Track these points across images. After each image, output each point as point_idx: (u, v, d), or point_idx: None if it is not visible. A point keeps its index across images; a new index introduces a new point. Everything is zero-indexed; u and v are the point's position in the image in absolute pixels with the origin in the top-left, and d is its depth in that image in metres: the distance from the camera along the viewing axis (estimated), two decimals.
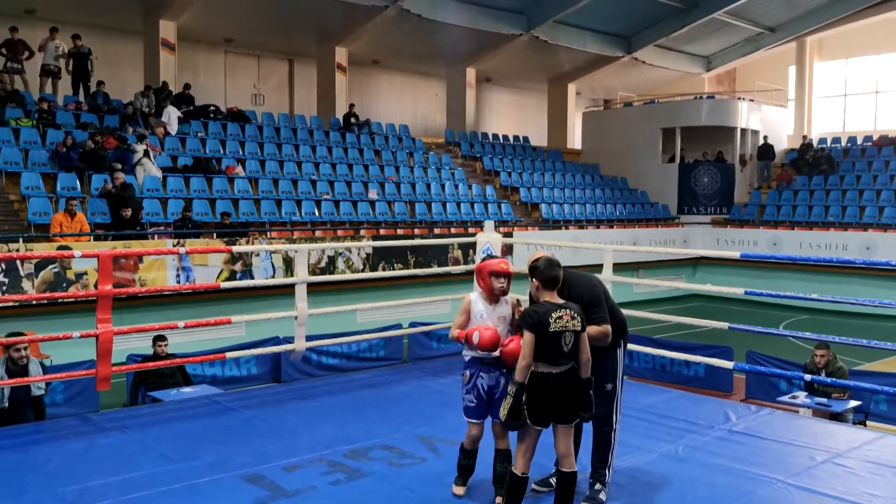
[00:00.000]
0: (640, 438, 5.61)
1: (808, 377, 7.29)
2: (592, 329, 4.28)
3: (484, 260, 4.55)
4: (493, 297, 4.44)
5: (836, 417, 7.36)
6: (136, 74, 19.51)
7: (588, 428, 4.63)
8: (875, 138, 24.94)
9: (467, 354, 4.44)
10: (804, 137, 25.84)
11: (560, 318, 4.06)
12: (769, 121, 25.69)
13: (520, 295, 4.58)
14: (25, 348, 6.57)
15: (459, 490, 4.57)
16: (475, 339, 4.26)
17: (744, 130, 24.68)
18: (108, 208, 13.13)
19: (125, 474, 4.91)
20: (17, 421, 6.32)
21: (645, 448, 5.44)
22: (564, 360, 4.07)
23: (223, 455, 5.27)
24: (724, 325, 7.35)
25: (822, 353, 7.91)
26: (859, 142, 25.12)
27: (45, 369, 7.02)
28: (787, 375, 8.35)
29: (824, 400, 7.64)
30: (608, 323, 4.41)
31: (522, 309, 4.46)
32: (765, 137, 24.81)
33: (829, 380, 7.33)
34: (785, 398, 7.96)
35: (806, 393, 7.96)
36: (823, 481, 4.92)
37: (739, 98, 25.78)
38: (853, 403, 7.67)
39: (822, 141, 25.93)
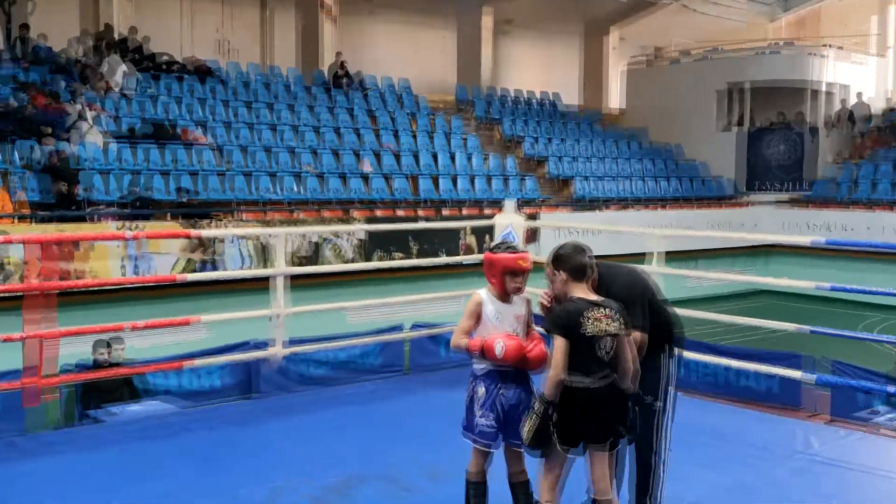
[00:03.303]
0: (697, 468, 5.56)
1: None
2: None
3: (496, 249, 4.44)
4: (506, 295, 4.41)
5: None
6: (70, 16, 19.50)
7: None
8: None
9: (481, 366, 4.39)
10: None
11: (596, 318, 4.01)
12: (860, 78, 25.44)
13: (533, 288, 4.52)
14: None
15: None
16: (499, 351, 4.20)
17: (829, 90, 24.44)
18: (36, 183, 13.15)
19: None
20: None
21: (704, 479, 5.40)
22: (601, 369, 4.03)
23: (177, 486, 5.26)
24: (805, 328, 7.28)
25: None
26: None
27: None
28: (887, 392, 8.24)
29: None
30: (644, 331, 4.35)
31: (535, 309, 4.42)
32: (858, 94, 24.52)
33: None
34: (881, 419, 7.87)
35: None
36: None
37: (821, 47, 25.49)
38: None
39: None
